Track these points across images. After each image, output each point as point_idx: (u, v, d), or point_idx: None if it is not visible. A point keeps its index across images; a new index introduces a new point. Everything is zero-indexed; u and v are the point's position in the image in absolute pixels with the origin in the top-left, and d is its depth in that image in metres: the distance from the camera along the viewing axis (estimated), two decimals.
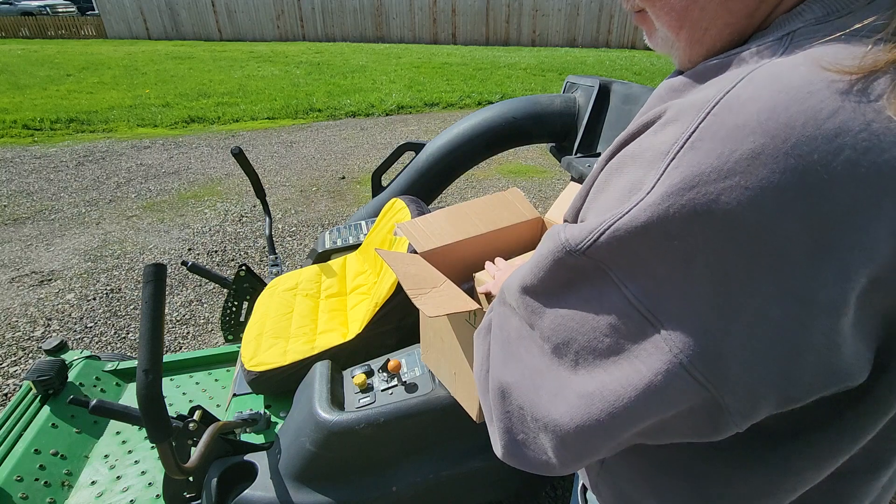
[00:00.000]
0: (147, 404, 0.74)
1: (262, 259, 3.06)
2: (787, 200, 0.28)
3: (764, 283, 0.29)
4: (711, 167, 0.29)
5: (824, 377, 0.30)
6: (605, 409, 0.34)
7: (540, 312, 0.39)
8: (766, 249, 0.28)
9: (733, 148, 0.28)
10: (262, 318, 1.33)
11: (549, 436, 0.39)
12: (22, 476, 1.12)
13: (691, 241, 0.30)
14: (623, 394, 0.33)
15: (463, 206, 0.93)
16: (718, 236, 0.29)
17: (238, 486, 0.96)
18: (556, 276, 0.37)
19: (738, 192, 0.28)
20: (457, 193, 4.18)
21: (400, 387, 0.97)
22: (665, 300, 0.31)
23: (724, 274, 0.29)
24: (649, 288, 0.32)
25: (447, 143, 1.74)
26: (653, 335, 0.32)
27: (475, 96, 7.74)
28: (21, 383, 2.03)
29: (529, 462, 0.43)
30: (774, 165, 0.27)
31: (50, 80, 8.24)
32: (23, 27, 14.45)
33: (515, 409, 0.42)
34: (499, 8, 15.05)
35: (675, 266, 0.31)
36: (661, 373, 0.32)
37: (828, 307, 0.28)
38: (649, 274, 0.32)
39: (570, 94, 1.79)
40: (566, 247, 0.36)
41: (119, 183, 4.27)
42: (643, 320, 0.32)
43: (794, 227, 0.28)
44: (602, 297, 0.35)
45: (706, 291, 0.30)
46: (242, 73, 9.35)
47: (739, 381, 0.30)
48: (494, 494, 1.11)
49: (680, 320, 0.31)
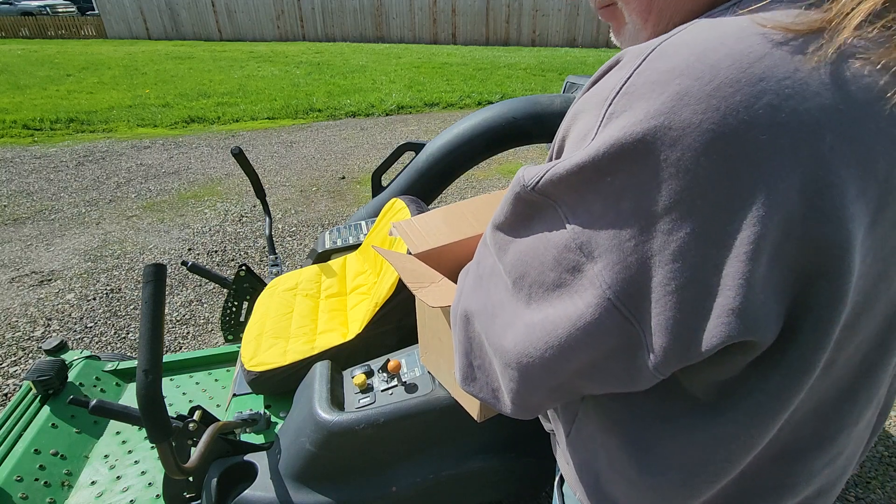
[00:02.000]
0: (147, 404, 0.74)
1: (262, 259, 3.06)
2: (707, 142, 0.28)
3: (684, 223, 0.29)
4: (641, 109, 0.30)
5: (731, 325, 0.30)
6: (543, 339, 0.36)
7: (505, 248, 0.41)
8: (686, 190, 0.29)
9: (661, 90, 0.29)
10: (262, 318, 1.33)
11: (498, 363, 0.41)
12: (22, 476, 1.12)
13: (621, 179, 0.31)
14: (559, 325, 0.35)
15: (459, 206, 0.93)
16: (643, 175, 0.30)
17: (238, 486, 0.96)
18: (515, 211, 0.39)
19: (661, 133, 0.29)
20: (457, 193, 4.18)
21: (400, 387, 0.97)
22: (598, 236, 0.33)
23: (648, 212, 0.31)
24: (586, 223, 0.34)
25: (447, 143, 1.74)
26: (587, 270, 0.34)
27: (475, 96, 7.74)
28: (21, 383, 2.03)
29: (480, 388, 0.46)
30: (696, 106, 0.28)
31: (50, 80, 8.25)
32: (23, 27, 14.45)
33: (476, 335, 0.45)
34: (499, 8, 15.04)
35: (607, 203, 0.32)
36: (591, 306, 0.33)
37: (741, 251, 0.29)
38: (588, 210, 0.33)
39: (570, 94, 1.79)
40: (521, 182, 0.38)
41: (119, 183, 4.27)
42: (580, 255, 0.34)
43: (713, 169, 0.28)
44: (550, 231, 0.36)
45: (632, 229, 0.31)
46: (242, 73, 9.35)
47: (658, 318, 0.31)
48: (494, 494, 1.11)
49: (609, 256, 0.32)
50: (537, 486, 1.17)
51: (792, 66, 0.28)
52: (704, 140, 0.28)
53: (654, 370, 0.34)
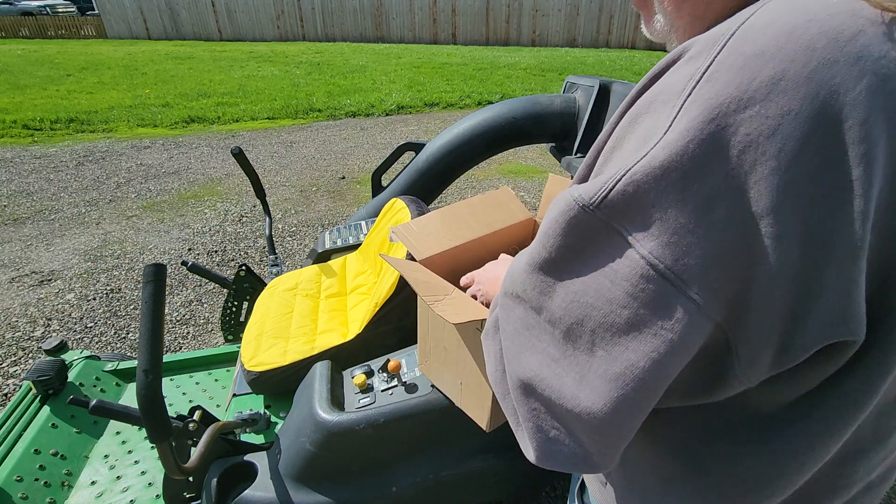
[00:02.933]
0: (147, 404, 0.74)
1: (262, 259, 3.06)
2: (809, 131, 0.25)
3: (787, 225, 0.27)
4: (730, 97, 0.27)
5: (832, 325, 0.28)
6: (638, 387, 0.32)
7: (549, 292, 0.36)
8: (788, 187, 0.26)
9: (752, 76, 0.26)
10: (262, 318, 1.33)
11: (583, 425, 0.36)
12: (22, 476, 1.12)
13: (712, 182, 0.28)
14: (653, 366, 0.31)
15: (457, 207, 0.92)
16: (740, 173, 0.27)
17: (238, 486, 0.96)
18: (566, 242, 0.34)
19: (758, 122, 0.26)
20: (457, 193, 4.18)
21: (400, 387, 0.97)
22: (686, 254, 0.28)
23: (747, 218, 0.27)
24: (668, 242, 0.29)
25: (447, 143, 1.74)
26: (675, 295, 0.29)
27: (475, 96, 7.74)
28: (21, 383, 2.03)
29: (566, 458, 0.38)
30: (795, 92, 0.26)
31: (50, 80, 8.24)
32: (23, 27, 14.44)
33: (542, 404, 0.39)
34: (499, 8, 15.04)
35: (695, 212, 0.28)
36: (687, 333, 0.30)
37: (846, 248, 0.27)
38: (667, 226, 0.29)
39: (570, 94, 1.79)
40: (578, 202, 0.32)
41: (119, 183, 4.27)
42: (663, 282, 0.29)
43: (815, 162, 0.26)
44: (617, 263, 0.31)
45: (730, 238, 0.28)
46: (242, 73, 9.35)
47: (757, 327, 0.29)
48: (494, 494, 1.11)
49: (705, 278, 0.28)
50: (537, 486, 1.17)
51: (888, 45, 0.26)
52: (806, 129, 0.25)
53: (742, 378, 0.31)
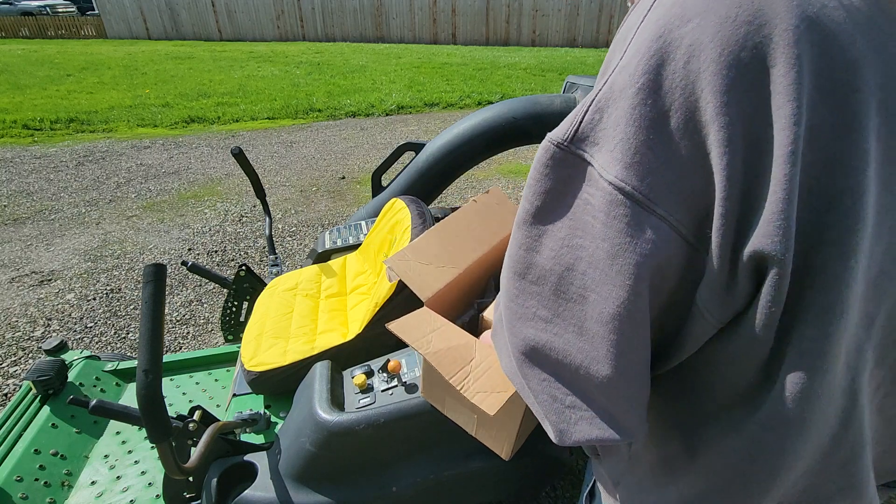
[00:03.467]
0: (147, 404, 0.74)
1: (262, 259, 3.06)
2: (745, 35, 0.26)
3: (732, 130, 0.27)
4: (674, 16, 0.29)
5: (763, 235, 0.28)
6: (634, 322, 0.33)
7: (537, 245, 0.37)
8: (730, 91, 0.27)
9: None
10: (262, 318, 1.33)
11: (595, 381, 0.36)
12: (22, 476, 1.12)
13: (664, 94, 0.29)
14: (639, 295, 0.32)
15: (450, 223, 0.86)
16: (688, 82, 0.28)
17: (238, 486, 0.96)
18: (547, 186, 0.35)
19: (699, 32, 0.28)
20: (457, 193, 4.18)
21: (400, 387, 0.97)
22: (650, 171, 0.30)
23: (699, 124, 0.28)
24: (632, 163, 0.30)
25: (447, 143, 1.74)
26: (645, 216, 0.30)
27: (475, 96, 7.74)
28: (21, 383, 2.03)
29: (589, 425, 0.38)
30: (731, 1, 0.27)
31: (50, 80, 8.24)
32: (23, 27, 14.44)
33: (550, 372, 0.39)
34: (499, 8, 15.04)
35: (652, 127, 0.30)
36: (662, 252, 0.31)
37: (781, 159, 0.27)
38: (629, 146, 0.30)
39: (570, 94, 1.79)
40: (553, 141, 0.34)
41: (119, 183, 4.27)
42: (632, 204, 0.30)
43: (750, 68, 0.27)
44: (592, 195, 0.33)
45: (687, 147, 0.29)
46: (242, 73, 9.35)
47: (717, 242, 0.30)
48: (494, 494, 1.11)
49: (669, 190, 0.30)
50: (537, 486, 1.17)
51: None
52: (742, 33, 0.27)
53: (704, 311, 0.32)
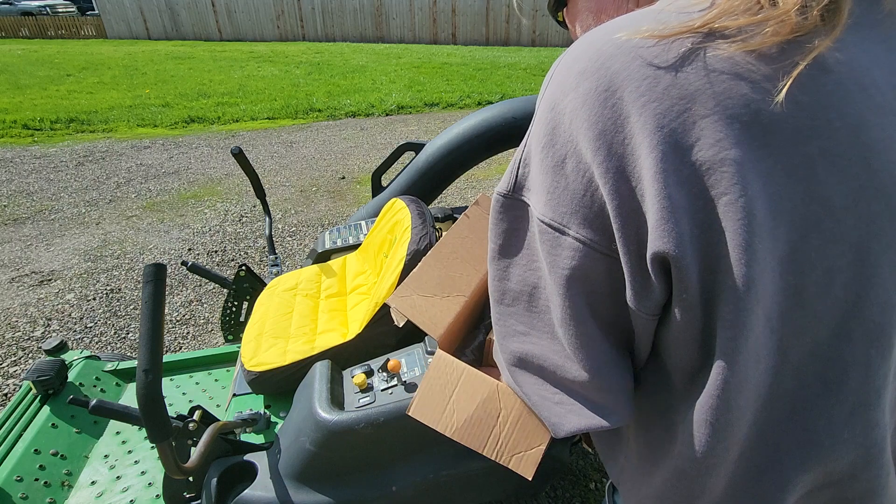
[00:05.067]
0: (147, 404, 0.74)
1: (262, 259, 3.06)
2: (604, 97, 0.36)
3: (606, 164, 0.37)
4: (559, 90, 0.40)
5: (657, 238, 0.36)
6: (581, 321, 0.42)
7: (505, 274, 0.47)
8: (598, 138, 0.37)
9: (569, 73, 0.39)
10: (262, 319, 1.33)
11: (573, 377, 0.44)
12: (22, 476, 1.12)
13: (559, 148, 0.39)
14: (573, 300, 0.41)
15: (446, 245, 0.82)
16: (572, 137, 0.38)
17: (238, 486, 0.96)
18: (503, 227, 0.46)
19: (574, 100, 0.38)
20: (457, 193, 4.18)
21: (400, 386, 0.97)
22: (560, 204, 0.40)
23: (584, 164, 0.38)
24: (547, 201, 0.41)
25: (447, 143, 1.74)
26: (563, 237, 0.40)
27: (475, 96, 7.74)
28: (21, 383, 2.03)
29: (579, 416, 0.46)
30: (592, 75, 0.37)
31: (50, 80, 8.25)
32: (23, 27, 14.44)
33: (537, 375, 0.48)
34: (499, 8, 15.04)
35: (554, 172, 0.40)
36: (583, 263, 0.40)
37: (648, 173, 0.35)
38: (544, 189, 0.41)
39: None
40: (500, 192, 0.45)
41: (119, 183, 4.27)
42: (552, 231, 0.41)
43: (608, 116, 0.36)
44: (532, 228, 0.43)
45: (580, 183, 0.39)
46: (242, 73, 9.35)
47: (625, 248, 0.38)
48: (494, 494, 1.11)
49: (576, 217, 0.39)
50: (537, 486, 1.17)
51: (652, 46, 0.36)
52: (602, 97, 0.36)
53: (634, 303, 0.40)
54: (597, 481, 1.66)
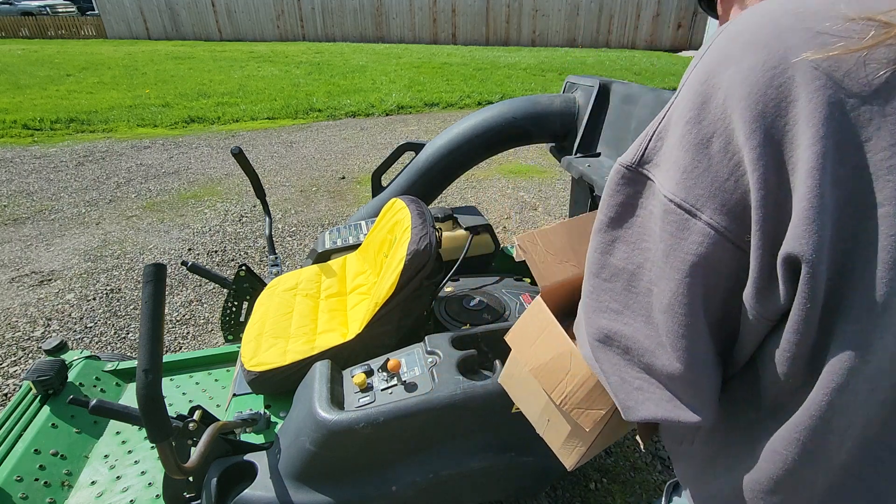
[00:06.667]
0: (147, 404, 0.74)
1: (262, 259, 3.06)
2: (770, 77, 0.33)
3: (761, 151, 0.34)
4: (716, 62, 0.37)
5: (793, 238, 0.33)
6: (687, 311, 0.39)
7: (610, 248, 0.45)
8: (757, 120, 0.34)
9: (733, 45, 0.36)
10: (262, 318, 1.33)
11: (660, 366, 0.42)
12: (22, 476, 1.12)
13: (706, 126, 0.36)
14: (690, 287, 0.38)
15: (582, 222, 0.84)
16: (725, 115, 0.35)
17: (238, 485, 0.96)
18: (618, 199, 0.43)
19: (736, 76, 0.35)
20: (457, 193, 4.18)
21: (399, 386, 0.97)
22: (696, 185, 0.37)
23: (734, 147, 0.35)
24: (681, 180, 0.38)
25: (447, 143, 1.74)
26: (693, 221, 0.37)
27: (475, 96, 7.74)
28: (21, 383, 2.03)
29: (655, 405, 0.44)
30: (762, 50, 0.34)
31: (50, 80, 8.25)
32: (23, 27, 14.45)
33: (619, 356, 0.46)
34: (499, 8, 15.04)
35: (697, 151, 0.37)
36: (709, 251, 0.37)
37: (805, 167, 0.32)
38: (679, 167, 0.38)
39: (569, 95, 1.79)
40: (623, 164, 0.43)
41: (119, 183, 4.27)
42: (682, 212, 0.38)
43: (774, 99, 0.33)
44: (653, 205, 0.41)
45: (724, 167, 0.36)
46: (242, 73, 9.35)
47: (758, 241, 0.35)
48: (494, 494, 1.11)
49: (712, 199, 0.36)
50: (537, 486, 1.17)
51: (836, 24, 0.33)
52: (768, 76, 0.33)
53: (753, 306, 0.37)
54: (596, 481, 1.66)
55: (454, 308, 1.34)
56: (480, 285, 1.47)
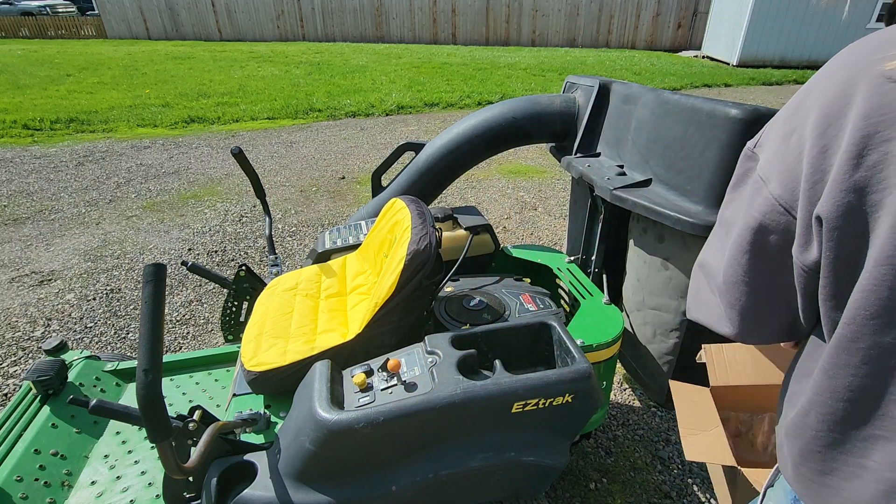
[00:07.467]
0: (147, 404, 0.74)
1: (262, 259, 3.06)
2: (838, 91, 0.45)
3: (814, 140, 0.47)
4: (821, 73, 0.49)
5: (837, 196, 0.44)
6: (740, 249, 0.56)
7: (727, 205, 0.62)
8: (819, 120, 0.46)
9: (829, 67, 0.49)
10: (262, 318, 1.33)
11: (717, 285, 0.62)
12: (22, 476, 1.12)
13: (793, 124, 0.50)
14: (746, 232, 0.55)
15: (768, 350, 0.99)
16: (807, 113, 0.48)
17: (238, 485, 0.96)
18: (738, 171, 0.60)
19: (825, 85, 0.47)
20: (457, 193, 4.18)
21: (399, 386, 0.97)
22: (772, 164, 0.52)
23: (802, 140, 0.48)
24: (767, 160, 0.54)
25: (447, 143, 1.74)
26: (763, 188, 0.53)
27: (475, 96, 7.74)
28: (21, 383, 2.03)
29: (705, 313, 0.66)
30: (841, 70, 0.46)
31: (50, 80, 8.25)
32: (23, 27, 14.44)
33: (704, 275, 0.67)
34: (499, 8, 15.04)
35: (782, 141, 0.51)
36: (766, 212, 0.52)
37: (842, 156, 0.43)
38: (770, 150, 0.53)
39: (569, 95, 1.79)
40: (748, 146, 0.59)
41: (119, 183, 4.27)
42: (761, 181, 0.53)
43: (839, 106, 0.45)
44: (753, 177, 0.56)
45: (794, 154, 0.49)
46: (242, 73, 9.35)
47: (803, 207, 0.48)
48: (494, 494, 1.11)
49: (779, 177, 0.51)
50: (537, 486, 1.17)
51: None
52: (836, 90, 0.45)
53: (800, 258, 0.50)
54: (596, 481, 1.66)
55: (454, 308, 1.34)
56: (480, 285, 1.47)
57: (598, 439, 1.83)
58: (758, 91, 9.26)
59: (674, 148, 1.26)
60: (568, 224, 2.05)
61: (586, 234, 1.77)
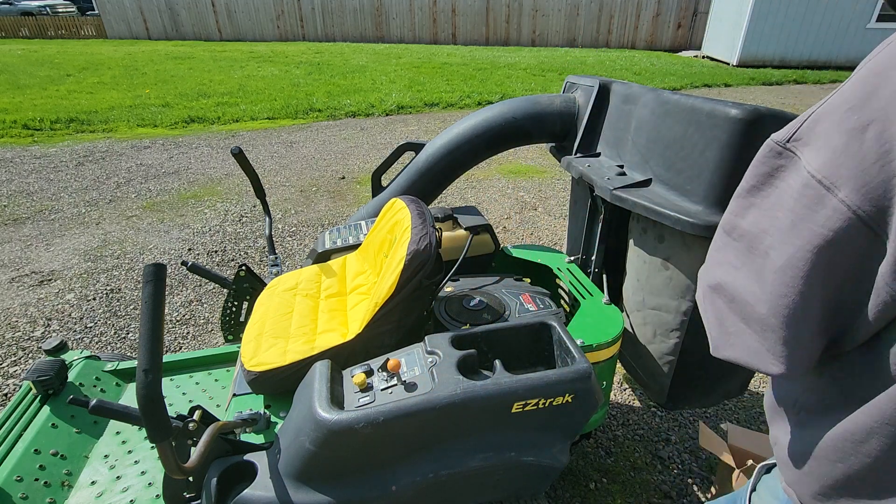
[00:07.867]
0: (147, 404, 0.74)
1: (262, 259, 3.06)
2: None
3: None
4: (892, 59, 0.39)
5: None
6: (797, 276, 0.44)
7: (744, 212, 0.51)
8: None
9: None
10: (262, 318, 1.33)
11: (757, 318, 0.48)
12: (22, 476, 1.12)
13: (867, 114, 0.40)
14: (808, 256, 0.43)
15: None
16: (888, 109, 0.38)
17: (238, 485, 0.96)
18: (762, 170, 0.48)
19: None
20: (457, 193, 4.18)
21: (399, 386, 0.97)
22: (841, 166, 0.41)
23: (887, 137, 0.38)
24: (828, 159, 0.42)
25: (447, 143, 1.74)
26: (829, 197, 0.41)
27: (475, 96, 7.74)
28: (21, 383, 2.03)
29: (741, 350, 0.52)
30: None
31: (50, 80, 8.25)
32: (23, 27, 14.44)
33: (724, 303, 0.53)
34: (499, 8, 15.04)
35: (852, 135, 0.40)
36: (837, 227, 0.41)
37: None
38: (829, 147, 0.42)
39: (569, 94, 1.79)
40: (775, 140, 0.47)
41: (119, 183, 4.27)
42: (820, 187, 0.42)
43: None
44: (793, 179, 0.45)
45: (874, 153, 0.39)
46: (242, 73, 9.35)
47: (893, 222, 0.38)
48: (494, 494, 1.11)
49: (853, 181, 0.40)
50: (537, 486, 1.17)
51: None
52: None
53: (884, 281, 0.40)
54: (596, 481, 1.66)
55: (454, 308, 1.34)
56: (480, 285, 1.47)
57: (598, 439, 1.83)
58: (758, 91, 9.26)
59: (674, 148, 1.26)
60: (568, 224, 2.05)
61: (586, 234, 1.77)
